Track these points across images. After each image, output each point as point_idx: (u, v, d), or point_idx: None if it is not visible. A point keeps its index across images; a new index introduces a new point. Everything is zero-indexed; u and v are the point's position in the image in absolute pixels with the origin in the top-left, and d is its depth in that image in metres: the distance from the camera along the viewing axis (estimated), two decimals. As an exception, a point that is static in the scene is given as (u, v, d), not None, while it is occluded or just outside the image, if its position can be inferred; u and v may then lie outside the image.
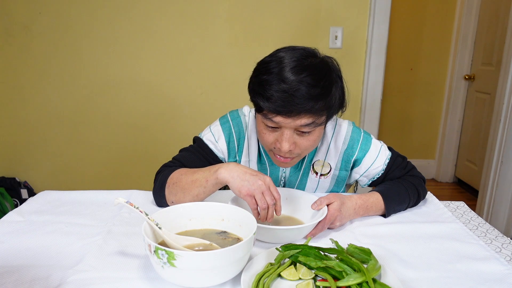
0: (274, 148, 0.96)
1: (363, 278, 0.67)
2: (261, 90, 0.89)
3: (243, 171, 0.87)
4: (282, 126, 0.91)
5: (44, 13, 2.18)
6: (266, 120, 0.92)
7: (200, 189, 0.93)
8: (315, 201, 0.93)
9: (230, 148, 1.11)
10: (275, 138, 0.94)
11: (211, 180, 0.91)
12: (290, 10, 2.23)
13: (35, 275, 0.73)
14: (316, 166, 1.12)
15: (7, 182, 2.33)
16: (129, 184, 2.45)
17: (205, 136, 1.12)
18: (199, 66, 2.30)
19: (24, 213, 0.99)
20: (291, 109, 0.86)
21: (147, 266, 0.77)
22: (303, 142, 0.94)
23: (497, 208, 2.34)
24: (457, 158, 3.45)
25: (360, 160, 1.11)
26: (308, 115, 0.88)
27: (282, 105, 0.86)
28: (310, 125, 0.90)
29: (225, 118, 1.13)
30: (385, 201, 1.01)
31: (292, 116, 0.88)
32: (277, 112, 0.88)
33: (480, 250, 0.86)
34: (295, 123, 0.89)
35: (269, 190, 0.85)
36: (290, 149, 0.93)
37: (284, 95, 0.86)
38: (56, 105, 2.31)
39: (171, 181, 0.98)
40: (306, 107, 0.86)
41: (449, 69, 3.32)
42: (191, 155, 1.10)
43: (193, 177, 0.94)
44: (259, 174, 0.87)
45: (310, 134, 0.94)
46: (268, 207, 0.84)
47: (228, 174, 0.87)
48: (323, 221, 0.88)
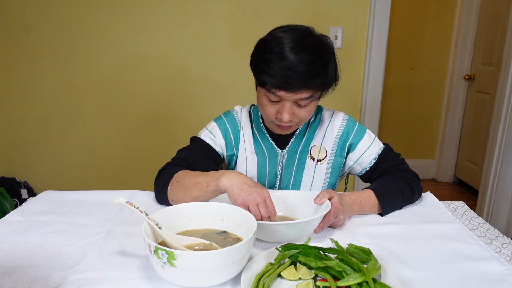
0: (275, 119, 1.05)
1: (363, 278, 0.67)
2: (265, 67, 0.98)
3: (242, 182, 0.89)
4: (283, 99, 1.00)
5: (44, 13, 2.18)
6: (269, 94, 1.01)
7: (200, 193, 0.95)
8: (317, 196, 0.94)
9: (227, 142, 1.18)
10: (277, 110, 1.04)
11: (212, 186, 0.93)
12: (290, 10, 2.23)
13: (35, 275, 0.73)
14: (313, 152, 1.18)
15: (7, 182, 2.33)
16: (129, 184, 2.45)
17: (202, 134, 1.19)
18: (199, 66, 2.30)
19: (26, 213, 0.99)
20: (292, 85, 0.97)
21: (147, 266, 0.77)
22: (301, 112, 1.04)
23: (497, 208, 2.34)
24: (457, 158, 3.45)
25: (355, 145, 1.17)
26: (307, 90, 0.99)
27: (285, 81, 0.96)
28: (308, 98, 1.01)
29: (220, 117, 1.21)
30: (378, 196, 1.03)
31: (293, 91, 0.98)
32: (280, 87, 0.97)
33: (480, 250, 0.86)
34: (295, 97, 0.99)
35: (264, 203, 0.87)
36: (290, 119, 1.03)
37: (287, 72, 0.95)
38: (56, 105, 2.31)
39: (176, 180, 1.00)
40: (306, 83, 0.97)
41: (449, 69, 3.32)
42: (192, 153, 1.14)
43: (196, 179, 0.97)
44: (257, 186, 0.89)
45: (307, 106, 1.04)
46: (262, 219, 0.86)
47: (228, 183, 0.90)
48: (328, 213, 0.89)
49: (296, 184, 1.18)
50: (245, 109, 1.23)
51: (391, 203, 1.04)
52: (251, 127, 1.19)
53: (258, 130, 1.19)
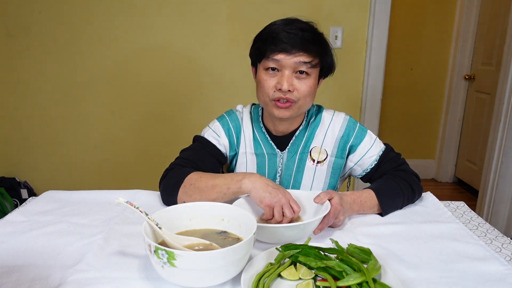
0: (274, 92, 1.05)
1: (363, 278, 0.67)
2: (265, 36, 1.04)
3: (266, 184, 0.92)
4: (282, 66, 1.03)
5: (44, 13, 2.18)
6: (269, 62, 1.03)
7: (219, 195, 0.96)
8: (317, 196, 0.94)
9: (231, 142, 1.18)
10: (276, 82, 1.04)
11: (234, 188, 0.95)
12: (290, 10, 2.23)
13: (35, 275, 0.73)
14: (313, 153, 1.17)
15: (7, 182, 2.33)
16: (129, 184, 2.45)
17: (206, 133, 1.18)
18: (199, 66, 2.30)
19: (27, 213, 0.99)
20: (290, 45, 1.01)
21: (147, 266, 0.77)
22: (301, 86, 1.04)
23: (497, 208, 2.34)
24: (457, 158, 3.45)
25: (356, 147, 1.16)
26: (305, 53, 1.02)
27: (285, 42, 1.01)
28: (307, 63, 1.02)
29: (223, 117, 1.21)
30: (378, 196, 1.03)
31: (292, 53, 1.01)
32: (280, 49, 1.01)
33: (480, 250, 0.86)
34: (294, 60, 1.01)
35: (289, 204, 0.90)
36: (289, 89, 1.03)
37: (284, 34, 1.01)
38: (56, 105, 2.31)
39: (189, 182, 1.00)
40: (303, 44, 1.01)
41: (449, 69, 3.32)
42: (196, 152, 1.13)
43: (213, 182, 0.97)
44: (280, 188, 0.93)
45: (306, 79, 1.05)
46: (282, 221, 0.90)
47: (252, 185, 0.92)
48: (328, 215, 0.89)
49: (296, 186, 1.18)
50: (246, 109, 1.22)
51: (391, 204, 1.04)
52: (252, 128, 1.19)
53: (258, 131, 1.18)
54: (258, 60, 1.08)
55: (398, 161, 1.16)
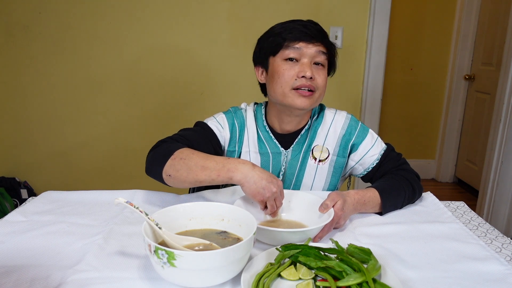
0: (296, 80, 1.05)
1: (363, 278, 0.67)
2: (278, 30, 1.07)
3: (259, 177, 0.87)
4: (302, 55, 1.05)
5: (44, 13, 2.18)
6: (289, 51, 1.05)
7: (207, 179, 0.90)
8: (321, 204, 0.92)
9: (232, 138, 1.16)
10: (297, 70, 1.05)
11: (223, 177, 0.89)
12: (290, 10, 2.23)
13: (35, 275, 0.73)
14: (315, 152, 1.17)
15: (7, 182, 2.32)
16: (129, 184, 2.44)
17: (209, 122, 1.16)
18: (199, 66, 2.30)
19: (27, 213, 0.99)
20: (310, 35, 1.04)
21: (147, 266, 0.77)
22: (318, 76, 1.06)
23: (497, 208, 2.34)
24: (457, 158, 3.45)
25: (357, 145, 1.16)
26: (322, 45, 1.06)
27: (303, 32, 1.04)
28: (325, 54, 1.07)
29: (229, 111, 1.20)
30: (382, 196, 1.02)
31: (312, 42, 1.04)
32: (300, 38, 1.04)
33: (480, 250, 0.86)
34: (314, 49, 1.05)
35: (279, 194, 0.90)
36: (311, 76, 1.04)
37: (304, 27, 1.05)
38: (56, 105, 2.31)
39: (179, 156, 0.94)
40: (321, 34, 1.06)
41: (449, 69, 3.32)
42: (195, 134, 1.10)
43: (205, 163, 0.91)
44: (273, 179, 0.89)
45: (322, 70, 1.08)
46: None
47: (244, 178, 0.88)
48: (329, 223, 0.88)
49: (297, 184, 1.18)
50: (250, 107, 1.21)
51: (392, 204, 1.04)
52: (256, 126, 1.18)
53: (262, 130, 1.17)
54: (273, 52, 1.08)
55: (399, 160, 1.16)
